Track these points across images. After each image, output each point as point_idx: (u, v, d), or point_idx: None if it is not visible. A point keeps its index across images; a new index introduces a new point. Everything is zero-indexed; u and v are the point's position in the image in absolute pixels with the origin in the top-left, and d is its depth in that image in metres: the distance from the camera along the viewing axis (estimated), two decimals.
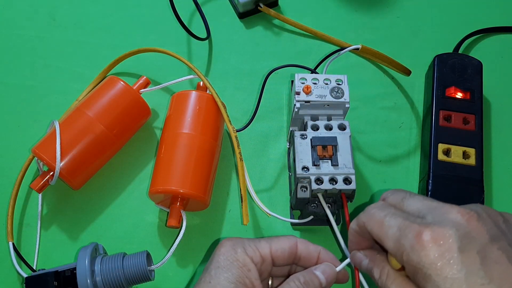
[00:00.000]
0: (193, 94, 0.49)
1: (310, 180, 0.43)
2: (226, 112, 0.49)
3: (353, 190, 0.44)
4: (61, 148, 0.46)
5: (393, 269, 0.32)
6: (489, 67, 0.55)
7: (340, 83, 0.47)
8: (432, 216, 0.29)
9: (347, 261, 0.37)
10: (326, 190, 0.43)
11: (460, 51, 0.57)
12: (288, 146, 0.53)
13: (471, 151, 0.49)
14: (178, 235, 0.45)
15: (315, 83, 0.47)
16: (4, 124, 0.54)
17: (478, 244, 0.27)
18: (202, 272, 0.36)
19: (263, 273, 0.37)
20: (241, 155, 0.47)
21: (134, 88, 0.51)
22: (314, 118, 0.47)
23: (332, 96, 0.46)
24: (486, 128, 0.54)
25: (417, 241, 0.28)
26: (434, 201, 0.31)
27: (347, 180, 0.43)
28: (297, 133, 0.45)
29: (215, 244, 0.49)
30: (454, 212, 0.29)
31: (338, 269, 0.38)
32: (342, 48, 0.52)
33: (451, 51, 0.57)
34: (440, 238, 0.27)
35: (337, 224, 0.46)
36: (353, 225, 0.34)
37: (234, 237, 0.38)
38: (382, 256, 0.34)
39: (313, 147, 0.45)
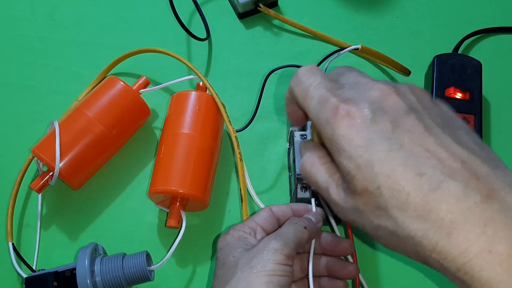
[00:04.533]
0: (193, 94, 0.49)
1: None
2: (226, 112, 0.49)
3: None
4: (60, 148, 0.46)
5: (318, 156, 0.31)
6: (489, 68, 0.55)
7: None
8: (354, 91, 0.29)
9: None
10: None
11: (459, 52, 0.57)
12: (288, 146, 0.53)
13: None
14: (177, 235, 0.45)
15: None
16: (4, 124, 0.54)
17: (392, 115, 0.27)
18: (227, 270, 0.37)
19: None
20: (241, 155, 0.47)
21: (134, 88, 0.51)
22: None
23: None
24: (485, 128, 0.54)
25: (332, 115, 0.28)
26: (367, 77, 0.31)
27: None
28: (297, 133, 0.45)
29: (215, 244, 0.49)
30: (375, 88, 0.29)
31: (314, 209, 0.42)
32: (342, 48, 0.52)
33: (450, 51, 0.57)
34: (353, 112, 0.27)
35: (337, 224, 0.46)
36: (287, 92, 0.33)
37: (224, 235, 0.40)
38: (308, 152, 0.33)
39: None
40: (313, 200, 0.44)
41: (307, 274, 0.43)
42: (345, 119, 0.28)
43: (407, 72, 0.56)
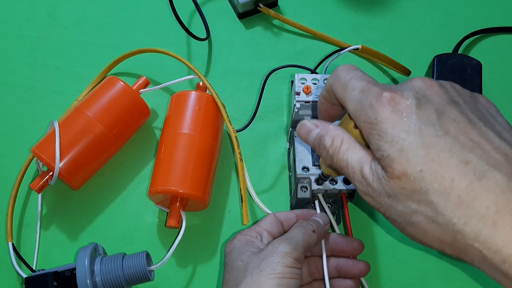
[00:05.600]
0: (193, 94, 0.49)
1: (310, 180, 0.43)
2: (226, 112, 0.49)
3: (353, 190, 0.44)
4: (60, 148, 0.46)
5: (349, 134, 0.31)
6: (489, 68, 0.55)
7: None
8: (395, 85, 0.29)
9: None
10: (326, 190, 0.43)
11: (459, 52, 0.57)
12: (288, 146, 0.53)
13: None
14: (177, 235, 0.45)
15: (315, 83, 0.47)
16: (4, 124, 0.54)
17: (436, 104, 0.28)
18: (237, 274, 0.37)
19: None
20: (241, 155, 0.47)
21: (134, 88, 0.51)
22: (314, 118, 0.47)
23: None
24: None
25: (376, 99, 0.28)
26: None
27: (347, 180, 0.43)
28: None
29: (215, 244, 0.49)
30: (416, 80, 0.29)
31: (318, 212, 0.43)
32: (342, 48, 0.52)
33: (450, 51, 0.57)
34: (398, 98, 0.28)
35: (337, 224, 0.46)
36: (323, 90, 0.34)
37: (231, 240, 0.40)
38: (335, 126, 0.32)
39: None
40: (317, 202, 0.44)
41: (315, 278, 0.43)
42: (389, 103, 0.28)
43: (407, 72, 0.56)
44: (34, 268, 0.47)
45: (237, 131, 0.49)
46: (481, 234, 0.25)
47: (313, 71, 0.53)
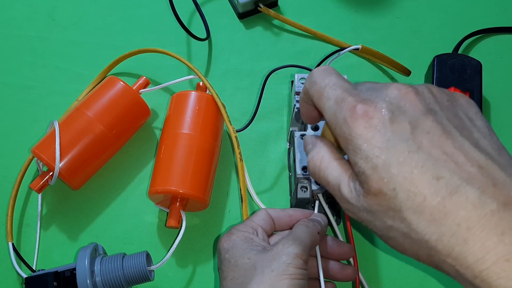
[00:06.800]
0: (193, 94, 0.49)
1: (310, 180, 0.43)
2: (226, 112, 0.49)
3: None
4: (60, 148, 0.46)
5: (328, 151, 0.31)
6: (489, 68, 0.55)
7: None
8: (371, 92, 0.29)
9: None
10: (326, 190, 0.43)
11: (459, 52, 0.57)
12: (288, 146, 0.53)
13: None
14: (177, 235, 0.45)
15: None
16: (4, 124, 0.54)
17: (411, 116, 0.27)
18: (244, 272, 0.37)
19: None
20: (241, 155, 0.47)
21: (134, 88, 0.51)
22: None
23: None
24: None
25: (350, 114, 0.28)
26: (377, 83, 0.30)
27: None
28: (297, 133, 0.45)
29: (215, 244, 0.49)
30: (392, 88, 0.28)
31: (316, 212, 0.43)
32: (342, 48, 0.52)
33: (450, 51, 0.57)
34: (371, 112, 0.27)
35: (337, 224, 0.46)
36: (301, 93, 0.33)
37: (228, 236, 0.40)
38: (320, 142, 0.32)
39: None
40: (317, 203, 0.44)
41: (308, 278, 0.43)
42: (363, 118, 0.27)
43: (407, 72, 0.56)
44: (34, 268, 0.47)
45: (237, 131, 0.49)
46: (453, 251, 0.25)
47: None
